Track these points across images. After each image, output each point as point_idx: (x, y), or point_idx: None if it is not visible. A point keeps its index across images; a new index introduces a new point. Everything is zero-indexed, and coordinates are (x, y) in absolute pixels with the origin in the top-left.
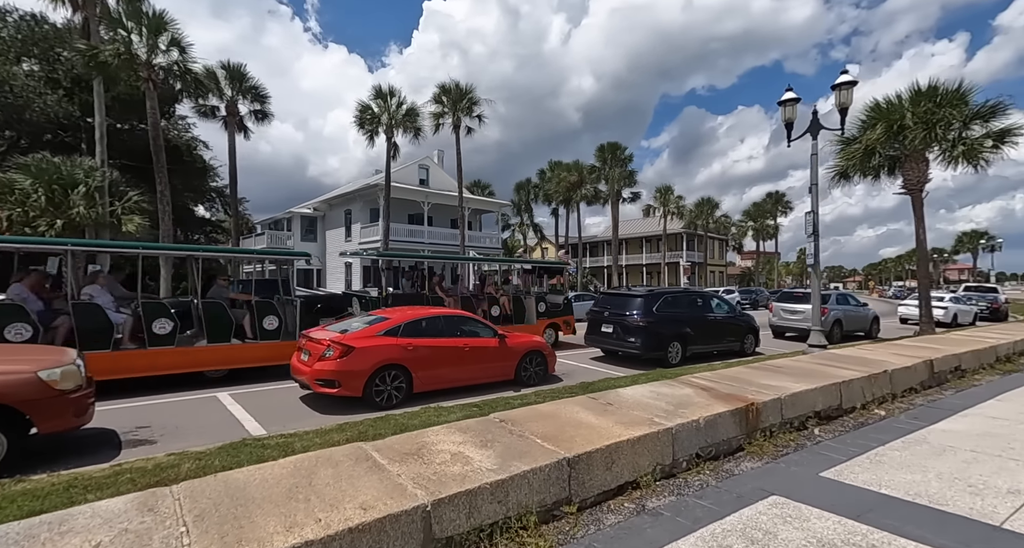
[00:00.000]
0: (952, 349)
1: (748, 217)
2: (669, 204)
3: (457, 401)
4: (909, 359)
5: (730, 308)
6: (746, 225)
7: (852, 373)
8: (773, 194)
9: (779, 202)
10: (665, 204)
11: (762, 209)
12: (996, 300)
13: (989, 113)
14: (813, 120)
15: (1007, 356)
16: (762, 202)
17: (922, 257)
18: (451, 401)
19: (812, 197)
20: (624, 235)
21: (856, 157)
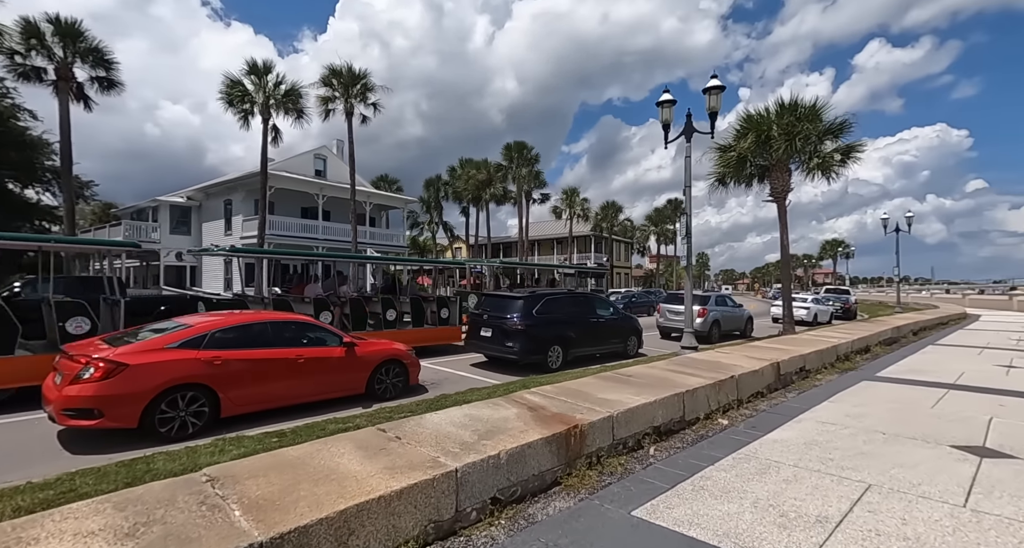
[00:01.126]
0: (799, 350)
1: (651, 222)
2: (575, 206)
3: (284, 424)
4: (759, 362)
5: (614, 310)
6: (649, 229)
7: (700, 381)
8: (672, 201)
9: (678, 209)
10: (571, 206)
11: (663, 215)
12: (848, 301)
13: (838, 129)
14: (687, 123)
15: (846, 354)
16: (663, 208)
17: (785, 261)
18: (278, 424)
19: (686, 199)
20: (536, 236)
21: (731, 164)
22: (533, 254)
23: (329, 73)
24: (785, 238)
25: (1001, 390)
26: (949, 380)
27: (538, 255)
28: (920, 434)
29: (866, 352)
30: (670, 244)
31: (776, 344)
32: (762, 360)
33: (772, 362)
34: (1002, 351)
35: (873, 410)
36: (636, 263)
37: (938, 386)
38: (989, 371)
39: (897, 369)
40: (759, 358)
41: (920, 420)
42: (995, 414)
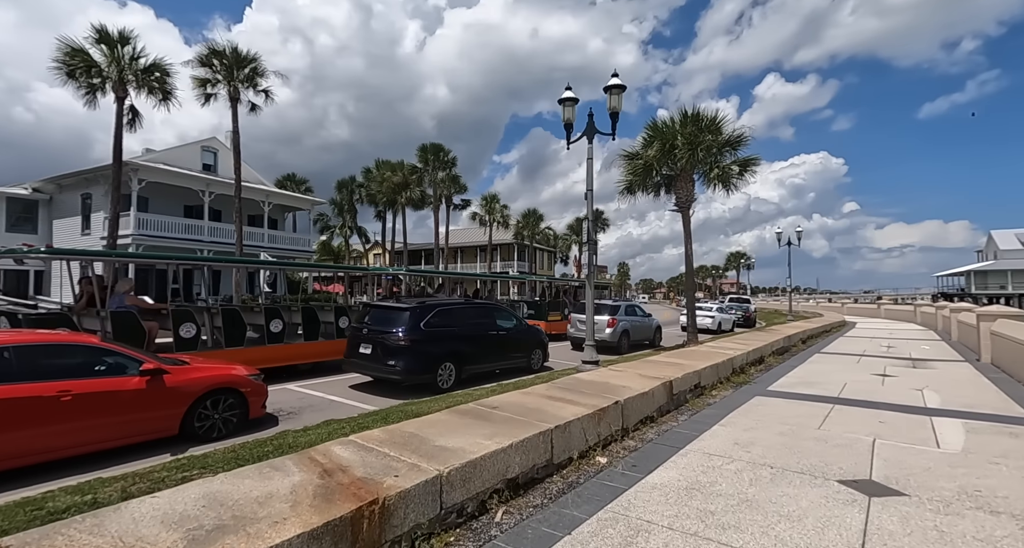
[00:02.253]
0: (696, 364)
1: (572, 231)
2: (495, 213)
3: (42, 487)
4: (651, 382)
5: (517, 321)
6: (571, 239)
7: (577, 410)
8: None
9: (598, 219)
10: (491, 213)
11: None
12: (748, 310)
13: (736, 142)
14: (588, 123)
15: (741, 367)
16: (584, 218)
17: (689, 271)
18: (25, 489)
19: (587, 203)
20: (459, 244)
21: (638, 172)
22: (456, 262)
23: (209, 53)
24: (689, 248)
25: (879, 403)
26: (834, 393)
27: (461, 263)
28: (808, 467)
29: (760, 363)
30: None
31: (674, 358)
32: (655, 379)
33: (665, 381)
34: (876, 359)
35: (762, 435)
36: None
37: (824, 400)
38: (867, 381)
39: (788, 381)
40: (653, 376)
41: (808, 447)
42: (877, 434)
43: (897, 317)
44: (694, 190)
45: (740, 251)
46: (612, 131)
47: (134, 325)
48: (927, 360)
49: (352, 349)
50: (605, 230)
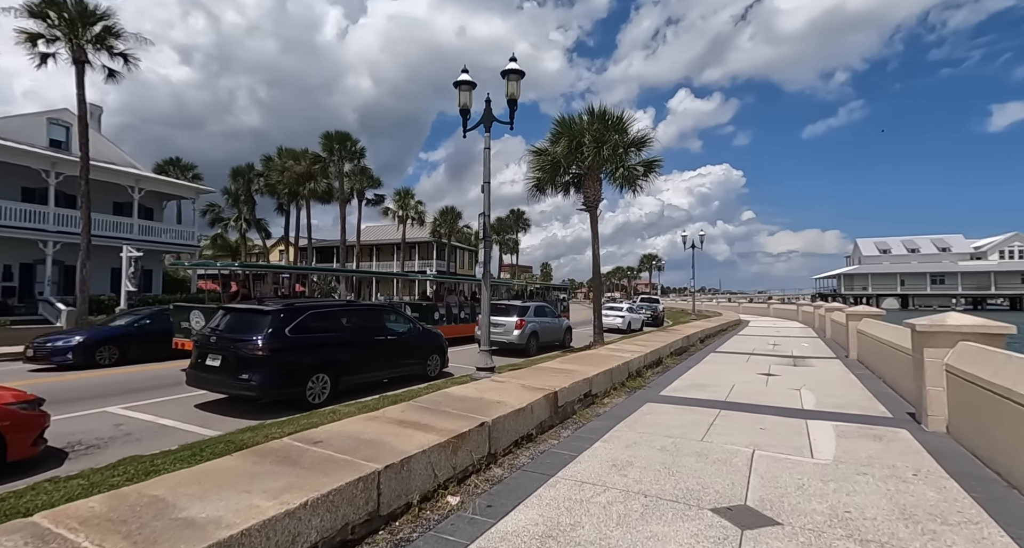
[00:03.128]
0: (588, 371)
1: (492, 230)
2: (408, 209)
3: None
4: (532, 394)
5: (411, 325)
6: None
7: (427, 440)
8: (515, 211)
9: (520, 219)
10: (404, 208)
11: (505, 224)
12: (656, 309)
13: (641, 143)
14: (486, 110)
15: (638, 370)
16: (506, 218)
17: (596, 271)
18: None
19: (484, 196)
20: (376, 241)
21: (546, 169)
22: (371, 260)
23: (43, 3)
24: (596, 247)
25: (762, 406)
26: (722, 396)
27: (377, 261)
28: (683, 492)
29: (658, 365)
30: (512, 254)
31: (569, 364)
32: (539, 390)
33: (549, 393)
34: (763, 358)
35: (643, 452)
36: None
37: (712, 405)
38: (754, 381)
39: (681, 384)
40: (537, 387)
41: (687, 465)
42: (757, 445)
43: (783, 316)
44: (601, 190)
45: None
46: (510, 119)
47: None
48: (806, 357)
49: (197, 361)
50: (527, 230)
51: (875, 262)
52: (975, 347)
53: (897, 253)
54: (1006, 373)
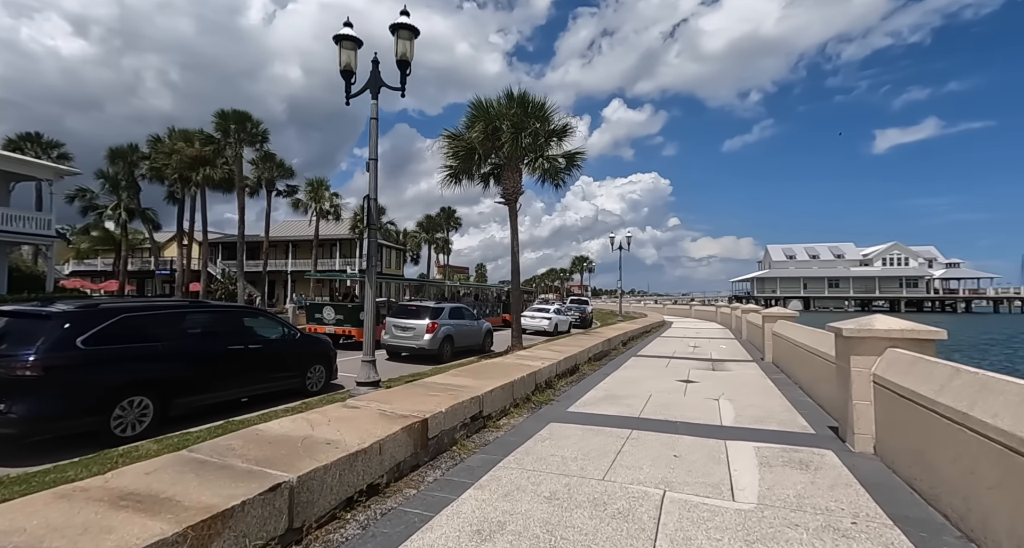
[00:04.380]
0: (484, 385)
1: (422, 229)
2: (323, 201)
3: None
4: (390, 424)
5: (283, 330)
6: (420, 236)
7: (140, 535)
8: (446, 209)
9: (451, 218)
10: (318, 201)
11: (435, 222)
12: (585, 311)
13: (562, 132)
14: (372, 74)
15: (549, 381)
16: (436, 216)
17: (515, 270)
18: None
19: (370, 174)
20: (291, 236)
21: (461, 156)
22: (287, 257)
23: None
24: (516, 244)
25: (679, 423)
26: (637, 409)
27: (293, 259)
28: None
29: (573, 372)
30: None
31: (462, 377)
32: (402, 418)
33: (413, 422)
34: (683, 361)
35: (524, 505)
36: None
37: (624, 424)
38: (672, 390)
39: (594, 396)
40: (402, 414)
41: (578, 525)
42: (668, 482)
43: (703, 317)
44: (521, 182)
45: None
46: (401, 85)
47: None
48: (724, 361)
49: None
50: (458, 229)
51: (782, 267)
52: (909, 356)
53: (801, 259)
54: (956, 391)
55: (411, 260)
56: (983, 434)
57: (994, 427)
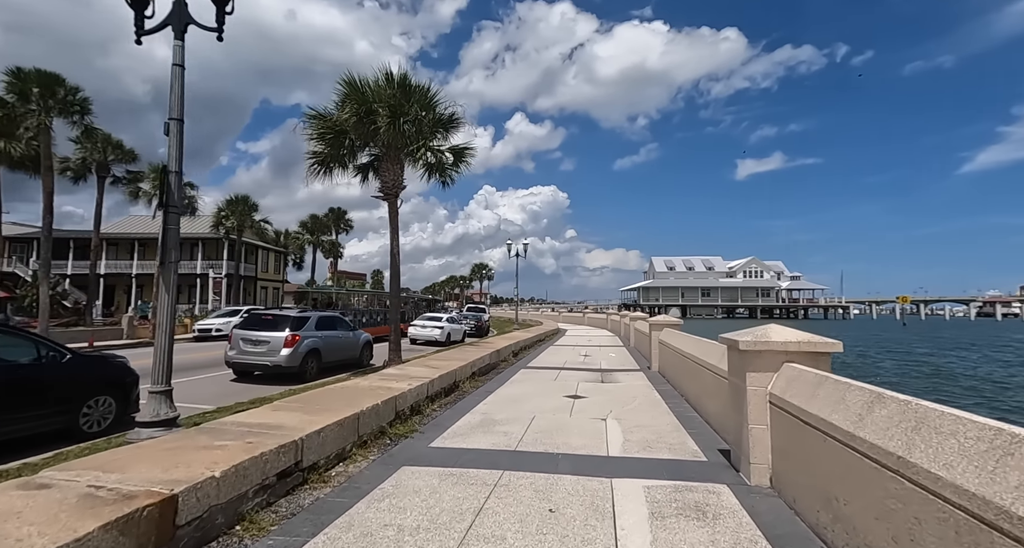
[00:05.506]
0: (309, 423)
1: (305, 229)
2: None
3: None
4: (99, 512)
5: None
6: (303, 238)
7: None
8: (335, 210)
9: (341, 219)
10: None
11: (322, 223)
12: (480, 319)
13: (449, 122)
14: (175, 4)
15: (415, 406)
16: (324, 217)
17: (394, 273)
18: None
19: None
20: (140, 234)
21: (329, 140)
22: (130, 257)
23: None
24: (396, 243)
25: (560, 455)
26: (515, 440)
27: (141, 259)
28: None
29: (451, 391)
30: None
31: (283, 412)
32: (126, 499)
33: (142, 508)
34: (573, 373)
35: None
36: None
37: (496, 463)
38: (558, 408)
39: (470, 421)
40: (132, 490)
41: None
42: None
43: (596, 324)
44: (403, 176)
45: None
46: (217, 24)
47: None
48: (613, 371)
49: None
50: (348, 232)
51: (664, 278)
52: (812, 374)
53: (679, 270)
54: (882, 425)
55: (294, 264)
56: (932, 491)
57: (951, 484)
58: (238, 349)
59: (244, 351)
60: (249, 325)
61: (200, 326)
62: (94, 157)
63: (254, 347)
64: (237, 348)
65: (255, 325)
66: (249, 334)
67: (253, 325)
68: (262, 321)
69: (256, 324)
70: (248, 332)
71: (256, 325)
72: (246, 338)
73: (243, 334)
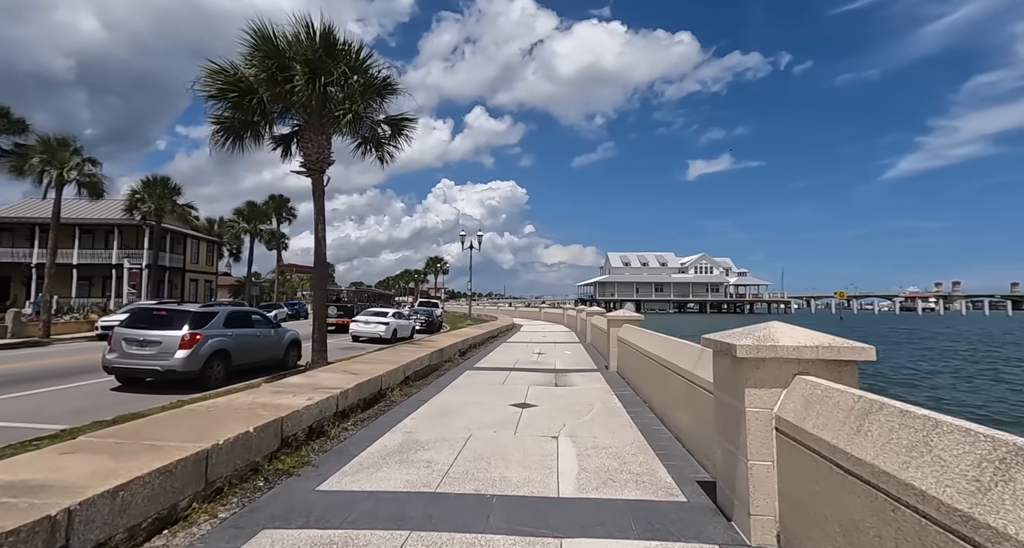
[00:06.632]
0: (130, 467)
1: (241, 217)
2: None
3: None
4: None
5: None
6: (238, 227)
7: None
8: (276, 197)
9: (283, 207)
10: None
11: (260, 211)
12: (432, 314)
13: (383, 87)
14: None
15: (314, 427)
16: (264, 205)
17: (319, 260)
18: None
19: None
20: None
21: (232, 99)
22: (31, 245)
23: None
24: (321, 228)
25: (494, 497)
26: (438, 474)
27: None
28: None
29: (375, 402)
30: (272, 248)
31: (99, 445)
32: None
33: None
34: (524, 374)
35: None
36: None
37: (402, 515)
38: (502, 422)
39: (384, 446)
40: None
41: None
42: None
43: (552, 319)
44: (330, 149)
45: (438, 256)
46: None
47: None
48: (568, 371)
49: None
50: (291, 221)
51: (620, 273)
52: (850, 395)
53: (634, 266)
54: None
55: (231, 255)
56: None
57: None
58: (120, 351)
59: (129, 354)
60: (136, 322)
61: (104, 322)
62: None
63: (141, 349)
64: (119, 350)
65: (143, 322)
66: (135, 334)
67: (141, 322)
68: (153, 318)
69: (145, 321)
70: (134, 331)
71: (145, 323)
72: (131, 338)
73: (127, 333)
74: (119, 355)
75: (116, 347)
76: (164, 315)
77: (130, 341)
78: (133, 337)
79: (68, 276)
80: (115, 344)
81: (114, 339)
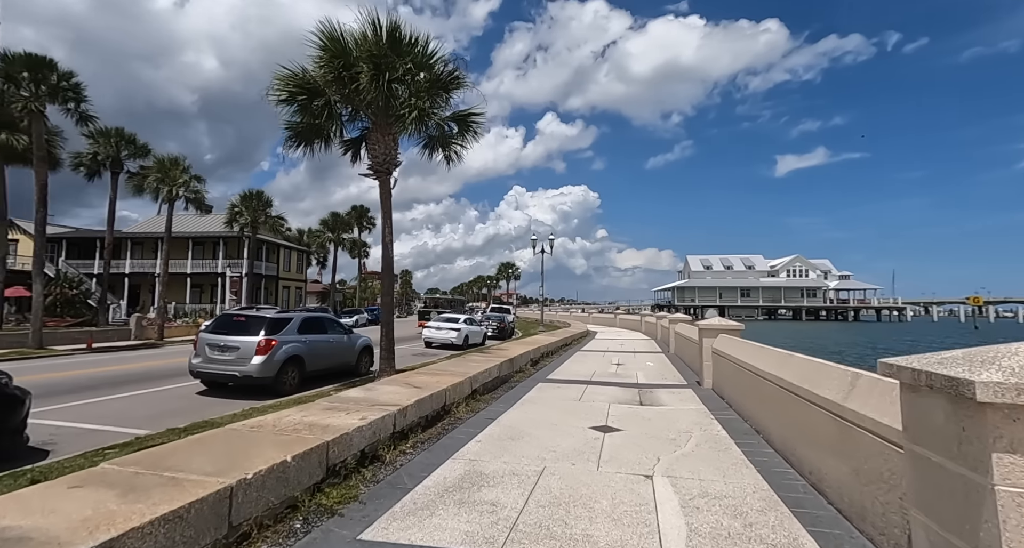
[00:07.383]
0: (130, 513)
1: (326, 227)
2: (175, 184)
3: None
4: None
5: None
6: (324, 236)
7: None
8: (357, 208)
9: (363, 216)
10: (170, 183)
11: (343, 221)
12: (503, 320)
13: (450, 81)
14: None
15: (366, 452)
16: (346, 215)
17: (386, 265)
18: None
19: None
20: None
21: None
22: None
23: None
24: (389, 232)
25: None
26: (503, 527)
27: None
28: None
29: (440, 418)
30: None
31: (110, 478)
32: None
33: None
34: (602, 389)
35: None
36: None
37: None
38: (581, 452)
39: (441, 480)
40: None
41: None
42: None
43: (628, 326)
44: (396, 149)
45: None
46: None
47: None
48: (653, 387)
49: None
50: (371, 230)
51: (700, 277)
52: None
53: (717, 269)
54: None
55: (318, 264)
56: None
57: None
58: (204, 356)
59: (211, 358)
60: (218, 328)
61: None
62: (107, 152)
63: (222, 354)
64: (203, 355)
65: (225, 328)
66: (217, 339)
67: (222, 328)
68: (233, 323)
69: (226, 327)
70: (216, 337)
71: (226, 328)
72: (213, 343)
73: (210, 339)
74: (203, 360)
75: (200, 352)
76: (243, 321)
77: (212, 346)
78: (215, 342)
79: (183, 284)
80: (200, 349)
81: (199, 344)
